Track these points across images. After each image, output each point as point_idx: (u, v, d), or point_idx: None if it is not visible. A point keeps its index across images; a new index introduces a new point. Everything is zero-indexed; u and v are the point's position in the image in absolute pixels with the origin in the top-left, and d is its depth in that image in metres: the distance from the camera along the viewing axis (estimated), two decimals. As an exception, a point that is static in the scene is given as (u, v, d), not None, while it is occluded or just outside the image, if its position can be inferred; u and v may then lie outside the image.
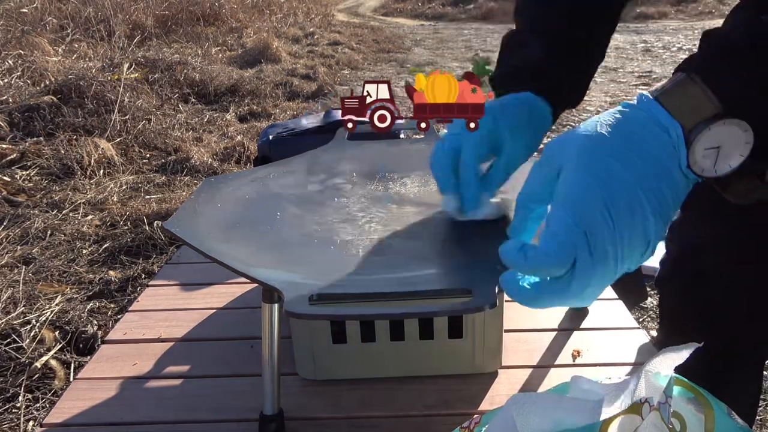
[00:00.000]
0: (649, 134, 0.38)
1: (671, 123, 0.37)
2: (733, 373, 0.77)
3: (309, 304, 0.45)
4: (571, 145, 0.39)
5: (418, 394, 0.67)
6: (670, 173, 0.38)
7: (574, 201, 0.37)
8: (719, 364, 0.71)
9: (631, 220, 0.37)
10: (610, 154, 0.37)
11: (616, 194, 0.37)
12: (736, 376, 0.78)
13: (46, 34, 4.22)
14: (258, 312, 0.58)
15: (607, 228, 0.36)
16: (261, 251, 0.56)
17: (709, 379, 0.51)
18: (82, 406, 0.66)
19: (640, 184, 0.37)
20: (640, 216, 0.37)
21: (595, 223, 0.36)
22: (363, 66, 5.52)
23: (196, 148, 2.82)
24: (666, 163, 0.37)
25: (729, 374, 0.75)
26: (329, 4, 10.16)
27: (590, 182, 0.37)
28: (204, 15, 6.06)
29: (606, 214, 0.36)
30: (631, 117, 0.39)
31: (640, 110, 0.39)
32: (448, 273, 0.51)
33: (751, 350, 0.77)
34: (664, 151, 0.37)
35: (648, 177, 0.37)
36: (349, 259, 0.54)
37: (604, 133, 0.38)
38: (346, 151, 0.83)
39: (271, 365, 0.57)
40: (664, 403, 0.42)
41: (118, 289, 1.71)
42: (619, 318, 0.81)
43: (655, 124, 0.38)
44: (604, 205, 0.36)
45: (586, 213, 0.36)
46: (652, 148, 0.37)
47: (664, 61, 5.33)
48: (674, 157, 0.37)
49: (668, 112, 0.38)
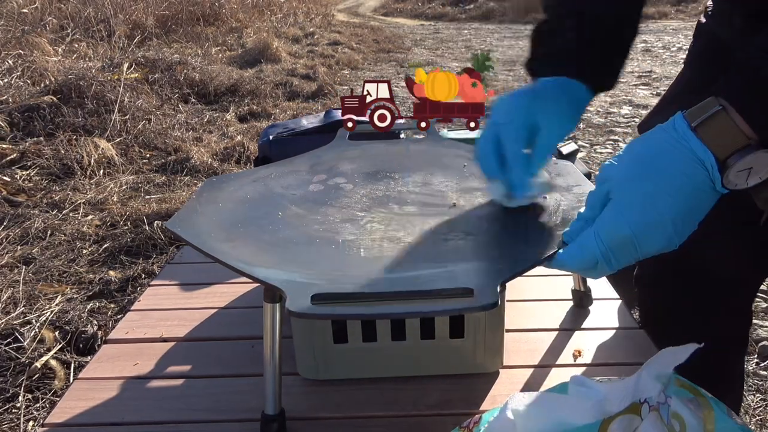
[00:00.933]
0: (687, 167, 0.43)
1: (706, 155, 0.43)
2: (727, 363, 0.79)
3: (311, 304, 0.45)
4: (616, 178, 0.46)
5: (419, 393, 0.67)
6: (702, 202, 0.44)
7: (609, 228, 0.45)
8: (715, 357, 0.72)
9: (655, 245, 0.45)
10: (649, 190, 0.44)
11: (648, 226, 0.44)
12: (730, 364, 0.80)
13: (46, 34, 4.22)
14: (259, 312, 0.58)
15: (631, 253, 0.45)
16: (263, 251, 0.56)
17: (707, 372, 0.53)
18: (83, 406, 0.66)
19: (671, 215, 0.44)
20: (665, 241, 0.45)
21: (620, 249, 0.45)
22: (363, 66, 5.52)
23: (196, 148, 2.82)
24: (699, 194, 0.44)
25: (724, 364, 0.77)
26: (329, 4, 10.16)
27: (626, 213, 0.45)
28: (204, 15, 6.06)
29: (632, 243, 0.45)
30: (670, 150, 0.44)
31: (678, 143, 0.44)
32: (450, 273, 0.51)
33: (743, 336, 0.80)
34: (701, 183, 0.43)
35: (680, 208, 0.44)
36: (350, 259, 0.54)
37: (644, 167, 0.45)
38: (348, 151, 0.83)
39: (273, 365, 0.58)
40: (663, 404, 0.42)
41: (118, 289, 1.71)
42: (620, 318, 0.81)
43: (693, 158, 0.43)
44: (633, 234, 0.44)
45: (615, 239, 0.45)
46: (691, 182, 0.43)
47: (664, 61, 5.33)
48: (708, 185, 0.43)
49: (703, 143, 0.43)
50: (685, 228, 0.45)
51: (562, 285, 0.87)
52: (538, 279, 0.90)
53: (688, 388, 0.45)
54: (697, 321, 0.76)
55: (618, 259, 0.46)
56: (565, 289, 0.85)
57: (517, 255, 0.53)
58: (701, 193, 0.44)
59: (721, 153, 0.42)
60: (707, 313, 0.76)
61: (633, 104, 3.94)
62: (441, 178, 0.72)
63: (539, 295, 0.86)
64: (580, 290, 0.82)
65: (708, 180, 0.43)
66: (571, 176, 0.72)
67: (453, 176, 0.73)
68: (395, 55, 6.23)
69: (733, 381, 0.83)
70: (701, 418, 0.43)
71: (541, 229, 0.58)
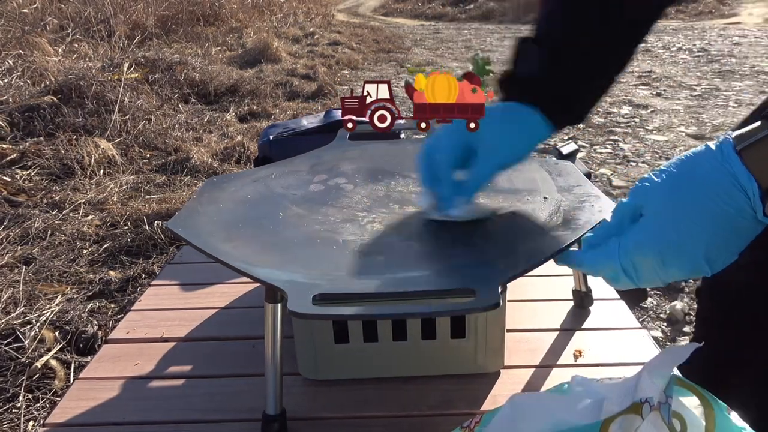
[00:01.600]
0: (726, 193, 0.41)
1: (749, 182, 0.40)
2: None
3: (312, 304, 0.45)
4: (653, 194, 0.44)
5: (420, 394, 0.67)
6: (741, 231, 0.41)
7: (636, 245, 0.44)
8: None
9: (682, 270, 0.43)
10: (683, 211, 0.42)
11: (676, 249, 0.42)
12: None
13: (47, 34, 4.22)
14: (259, 312, 0.58)
15: (657, 274, 0.44)
16: (264, 251, 0.56)
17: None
18: (84, 406, 0.66)
19: (703, 242, 0.42)
20: (693, 269, 0.43)
21: (644, 268, 0.44)
22: (363, 66, 5.52)
23: (196, 148, 2.82)
24: (739, 221, 0.41)
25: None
26: (329, 4, 10.15)
27: (656, 233, 0.43)
28: (204, 15, 6.06)
29: (658, 265, 0.43)
30: (711, 173, 0.41)
31: (721, 166, 0.41)
32: (452, 273, 0.51)
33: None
34: (740, 210, 0.41)
35: (714, 236, 0.42)
36: (351, 259, 0.54)
37: (681, 189, 0.43)
38: (348, 151, 0.84)
39: (274, 365, 0.58)
40: (664, 403, 0.42)
41: (119, 289, 1.71)
42: (621, 318, 0.81)
43: (734, 183, 0.40)
44: (659, 255, 0.43)
45: (640, 258, 0.44)
46: (728, 208, 0.41)
47: (664, 61, 5.33)
48: (748, 213, 0.41)
49: (747, 169, 0.40)
50: (718, 256, 0.43)
51: (563, 285, 0.87)
52: (539, 279, 0.90)
53: (689, 388, 0.45)
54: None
55: (640, 277, 0.45)
56: (565, 290, 0.85)
57: (518, 255, 0.53)
58: (740, 221, 0.41)
59: (765, 180, 0.39)
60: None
61: (633, 104, 3.94)
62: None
63: (540, 295, 0.86)
64: (580, 290, 0.82)
65: (748, 208, 0.40)
66: (571, 176, 0.72)
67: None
68: (395, 55, 6.23)
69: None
70: (702, 417, 0.43)
71: (542, 230, 0.58)
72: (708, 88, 4.32)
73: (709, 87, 4.34)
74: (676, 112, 3.72)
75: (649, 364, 0.45)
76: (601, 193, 0.66)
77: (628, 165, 2.85)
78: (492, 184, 0.70)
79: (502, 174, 0.68)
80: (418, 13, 10.57)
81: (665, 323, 1.61)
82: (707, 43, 6.22)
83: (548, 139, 0.62)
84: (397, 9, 11.19)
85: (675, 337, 1.54)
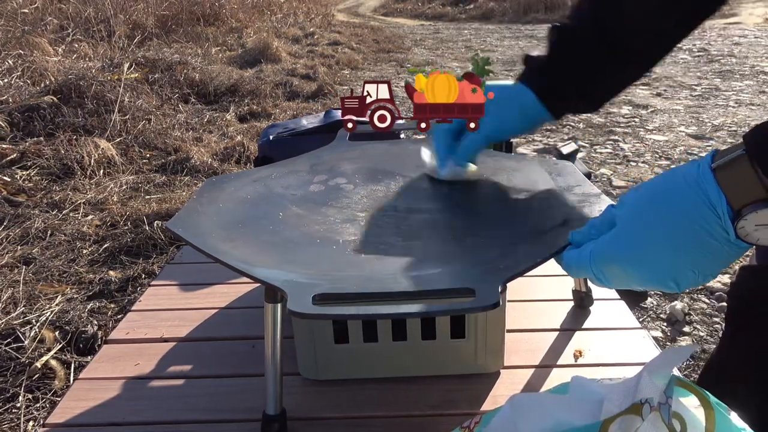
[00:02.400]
0: (695, 212, 0.40)
1: (719, 200, 0.39)
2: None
3: (312, 304, 0.45)
4: (626, 205, 0.45)
5: (420, 394, 0.67)
6: (711, 248, 0.40)
7: (603, 253, 0.45)
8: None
9: (649, 283, 0.43)
10: (649, 226, 0.42)
11: (638, 262, 0.43)
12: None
13: (47, 34, 4.22)
14: (259, 312, 0.58)
15: (625, 282, 0.45)
16: (263, 251, 0.56)
17: None
18: (84, 406, 0.66)
19: (668, 259, 0.41)
20: (659, 283, 0.43)
21: (612, 275, 0.45)
22: (363, 66, 5.52)
23: (196, 148, 2.82)
24: (707, 240, 0.40)
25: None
26: (329, 4, 10.15)
27: (622, 245, 0.44)
28: (204, 15, 6.06)
29: (624, 274, 0.44)
30: (684, 189, 0.41)
31: (696, 183, 0.40)
32: (451, 273, 0.51)
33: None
34: (707, 229, 0.40)
35: (680, 253, 0.41)
36: (351, 259, 0.54)
37: (653, 203, 0.43)
38: (348, 152, 0.83)
39: (274, 365, 0.57)
40: (664, 404, 0.42)
41: (118, 289, 1.71)
42: (621, 318, 0.81)
43: (704, 201, 0.39)
44: (623, 267, 0.44)
45: (606, 265, 0.45)
46: (695, 225, 0.40)
47: (664, 61, 5.33)
48: (719, 233, 0.39)
49: (719, 187, 0.39)
50: (685, 273, 0.41)
51: (563, 285, 0.87)
52: (539, 279, 0.90)
53: (689, 389, 0.45)
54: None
55: (611, 282, 0.45)
56: (565, 290, 0.85)
57: (518, 255, 0.53)
58: (709, 240, 0.40)
59: (735, 201, 0.38)
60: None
61: (633, 104, 3.94)
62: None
63: (540, 296, 0.86)
64: (581, 290, 0.82)
65: (719, 228, 0.39)
66: (571, 176, 0.72)
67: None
68: (395, 55, 6.23)
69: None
70: (702, 418, 0.43)
71: (542, 229, 0.58)
72: (708, 88, 4.32)
73: (709, 87, 4.34)
74: (676, 112, 3.72)
75: (649, 364, 0.45)
76: (601, 193, 0.66)
77: (628, 165, 2.85)
78: (492, 183, 0.70)
79: (503, 167, 0.73)
80: (418, 13, 10.57)
81: (665, 323, 1.61)
82: (707, 43, 6.22)
83: (548, 122, 0.65)
84: (397, 9, 11.19)
85: (675, 337, 1.54)
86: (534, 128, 0.65)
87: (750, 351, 0.62)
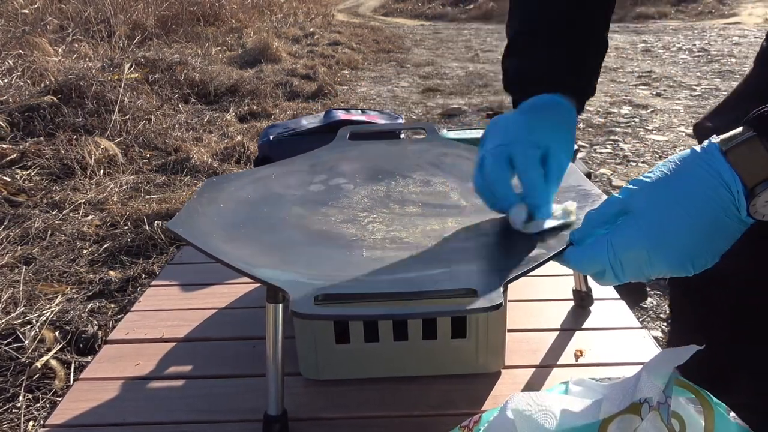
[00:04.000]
0: (711, 190, 0.42)
1: (733, 180, 0.41)
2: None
3: (314, 305, 0.45)
4: (641, 192, 0.45)
5: (421, 394, 0.67)
6: (725, 226, 0.42)
7: (624, 240, 0.45)
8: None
9: (667, 265, 0.44)
10: (670, 209, 0.43)
11: (663, 245, 0.43)
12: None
13: (47, 34, 4.22)
14: (260, 312, 0.58)
15: (641, 269, 0.45)
16: (264, 251, 0.56)
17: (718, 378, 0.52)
18: (84, 407, 0.66)
19: (689, 237, 0.43)
20: (678, 264, 0.44)
21: (630, 263, 0.45)
22: (363, 66, 5.52)
23: (196, 148, 2.82)
24: (723, 219, 0.42)
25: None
26: (329, 4, 10.15)
27: (644, 228, 0.44)
28: (204, 15, 6.05)
29: (644, 259, 0.44)
30: (697, 171, 0.43)
31: (707, 165, 0.42)
32: (453, 273, 0.51)
33: None
34: (724, 207, 0.42)
35: (699, 232, 0.42)
36: (352, 260, 0.54)
37: (668, 186, 0.44)
38: (348, 152, 0.83)
39: (276, 365, 0.57)
40: (663, 404, 0.42)
41: (119, 289, 1.71)
42: (622, 318, 0.81)
43: (719, 181, 0.42)
44: (647, 250, 0.44)
45: (627, 252, 0.45)
46: (713, 204, 0.42)
47: (664, 61, 5.33)
48: (732, 212, 0.42)
49: (732, 168, 0.41)
50: (701, 255, 0.43)
51: (564, 285, 0.87)
52: (540, 279, 0.90)
53: (689, 388, 0.45)
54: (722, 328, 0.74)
55: (625, 272, 0.46)
56: (566, 289, 0.85)
57: (520, 255, 0.53)
58: (724, 219, 0.42)
59: (749, 179, 0.41)
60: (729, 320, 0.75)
61: (633, 104, 3.94)
62: (441, 178, 0.72)
63: (541, 295, 0.86)
64: (581, 290, 0.82)
65: (732, 207, 0.42)
66: (571, 176, 0.72)
67: (454, 176, 0.73)
68: (395, 55, 6.23)
69: None
70: (701, 417, 0.43)
71: (543, 230, 0.58)
72: (708, 88, 4.32)
73: (709, 87, 4.34)
74: (676, 112, 3.72)
75: (649, 364, 0.45)
76: (601, 193, 0.66)
77: (628, 165, 2.85)
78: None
79: None
80: (418, 13, 10.56)
81: (665, 323, 1.61)
82: (707, 43, 6.22)
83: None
84: (397, 9, 11.19)
85: (675, 337, 1.54)
86: None
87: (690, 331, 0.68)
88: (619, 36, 6.92)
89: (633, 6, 8.96)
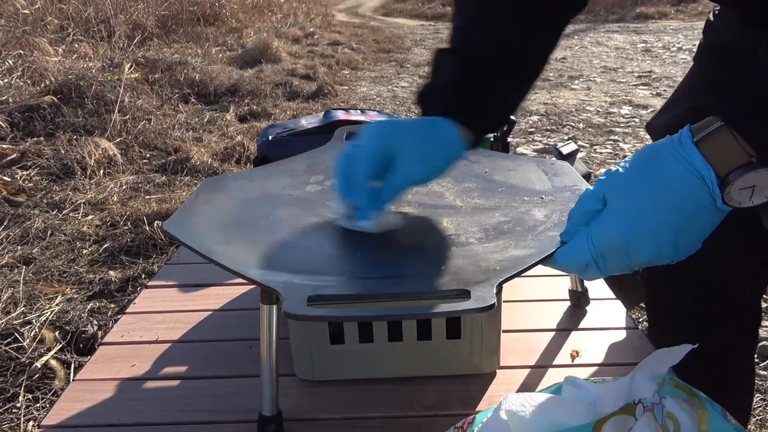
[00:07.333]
0: (686, 182, 0.43)
1: (707, 171, 0.42)
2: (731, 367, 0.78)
3: (307, 306, 0.45)
4: (617, 185, 0.46)
5: (416, 394, 0.67)
6: (701, 215, 0.43)
7: (603, 233, 0.45)
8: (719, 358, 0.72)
9: (647, 255, 0.45)
10: (646, 200, 0.44)
11: (641, 236, 0.44)
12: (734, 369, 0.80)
13: (47, 34, 4.22)
14: (255, 313, 0.58)
15: (623, 261, 0.45)
16: (259, 252, 0.56)
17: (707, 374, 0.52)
18: (79, 408, 0.66)
19: (667, 228, 0.43)
20: (657, 254, 0.44)
21: (611, 255, 0.45)
22: (363, 66, 5.52)
23: (196, 148, 2.82)
24: (698, 209, 0.43)
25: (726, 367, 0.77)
26: (329, 4, 10.16)
27: (621, 220, 0.44)
28: (204, 15, 6.06)
29: (624, 251, 0.45)
30: (671, 163, 0.43)
31: (681, 156, 0.43)
32: (447, 274, 0.51)
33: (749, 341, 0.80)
34: (698, 198, 0.43)
35: (676, 222, 0.43)
36: (347, 260, 0.54)
37: (644, 178, 0.44)
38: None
39: (270, 366, 0.58)
40: (657, 404, 0.42)
41: (118, 289, 1.71)
42: (618, 318, 0.81)
43: (693, 172, 0.42)
44: (625, 242, 0.44)
45: (607, 245, 0.45)
46: (687, 195, 0.43)
47: (664, 61, 5.33)
48: (708, 201, 0.43)
49: (705, 158, 0.42)
50: (681, 243, 0.44)
51: (560, 285, 0.87)
52: (535, 279, 0.90)
53: (683, 389, 0.45)
54: (702, 323, 0.76)
55: (608, 264, 0.46)
56: (562, 290, 0.85)
57: (514, 256, 0.53)
58: (701, 208, 0.43)
59: (721, 169, 0.42)
60: (713, 316, 0.76)
61: (633, 104, 3.93)
62: (437, 179, 0.72)
63: (536, 296, 0.86)
64: (577, 290, 0.82)
65: (708, 196, 0.42)
66: (568, 177, 0.72)
67: (449, 176, 0.72)
68: (395, 55, 6.22)
69: (737, 389, 0.82)
70: (695, 418, 0.43)
71: (538, 230, 0.58)
72: (708, 87, 4.31)
73: (709, 86, 4.33)
74: (676, 112, 3.71)
75: (643, 364, 0.45)
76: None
77: (628, 165, 2.84)
78: (488, 184, 0.70)
79: (499, 167, 0.68)
80: (418, 13, 10.56)
81: (664, 323, 1.61)
82: (708, 43, 6.21)
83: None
84: (397, 9, 11.18)
85: (674, 337, 1.54)
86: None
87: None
88: (619, 36, 6.91)
89: (633, 6, 8.95)
